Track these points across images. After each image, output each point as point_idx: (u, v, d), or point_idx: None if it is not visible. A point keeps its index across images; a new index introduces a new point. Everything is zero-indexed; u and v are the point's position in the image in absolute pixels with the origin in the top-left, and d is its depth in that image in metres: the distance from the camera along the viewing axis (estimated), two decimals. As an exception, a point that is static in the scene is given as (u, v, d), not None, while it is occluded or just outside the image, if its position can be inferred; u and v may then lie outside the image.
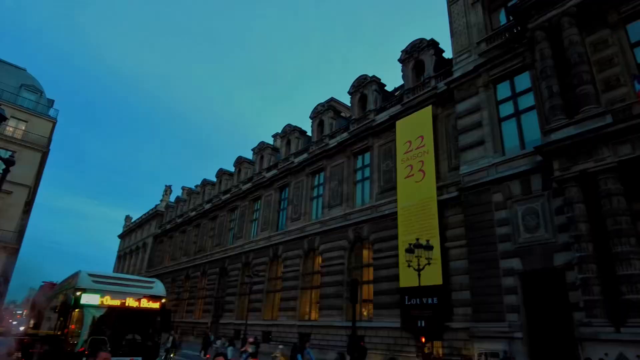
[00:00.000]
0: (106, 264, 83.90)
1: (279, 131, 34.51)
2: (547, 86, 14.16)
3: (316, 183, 27.39)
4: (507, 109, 16.46)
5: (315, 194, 27.18)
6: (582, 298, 11.74)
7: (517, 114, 16.03)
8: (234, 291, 31.89)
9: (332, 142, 26.05)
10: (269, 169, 32.93)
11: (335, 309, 21.68)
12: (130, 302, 10.11)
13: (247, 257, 31.40)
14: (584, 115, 12.72)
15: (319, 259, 24.40)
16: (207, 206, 41.45)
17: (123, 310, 9.94)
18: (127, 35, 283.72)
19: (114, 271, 62.53)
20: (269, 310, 27.57)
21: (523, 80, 16.15)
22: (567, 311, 12.56)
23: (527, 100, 15.79)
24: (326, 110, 28.68)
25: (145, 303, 10.36)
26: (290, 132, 32.05)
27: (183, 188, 54.56)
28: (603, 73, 13.52)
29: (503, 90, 16.79)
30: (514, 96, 16.35)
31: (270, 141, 37.76)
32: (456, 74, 18.45)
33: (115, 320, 9.89)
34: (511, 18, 16.58)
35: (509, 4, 17.79)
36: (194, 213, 44.06)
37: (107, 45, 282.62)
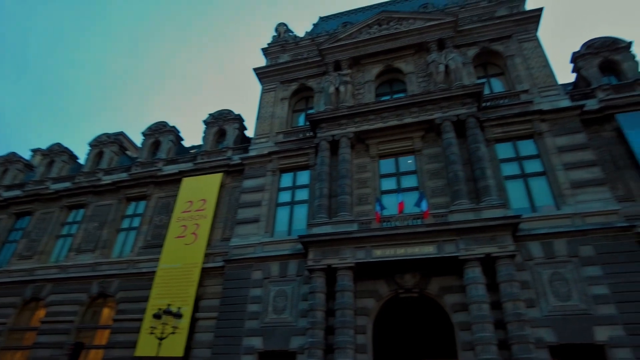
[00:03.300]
0: None
1: (44, 147, 28.77)
2: (319, 187, 16.59)
3: (70, 219, 23.18)
4: (285, 196, 18.32)
5: (65, 231, 22.82)
6: (305, 381, 12.90)
7: (292, 203, 17.99)
8: None
9: (107, 179, 23.16)
10: (9, 188, 26.31)
11: (43, 378, 17.47)
12: None
13: None
14: (339, 219, 15.27)
15: (42, 312, 19.82)
16: None
17: None
18: None
19: None
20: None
21: (304, 177, 18.51)
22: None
23: (303, 194, 18.01)
24: (111, 142, 25.77)
25: None
26: (58, 152, 27.02)
27: None
28: (359, 190, 16.77)
29: (286, 179, 18.80)
30: (294, 187, 18.44)
31: (27, 155, 30.95)
32: (252, 153, 19.79)
33: None
34: (307, 123, 19.20)
35: (309, 111, 20.85)
36: None
37: None
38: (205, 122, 23.32)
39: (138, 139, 25.64)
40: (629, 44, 18.11)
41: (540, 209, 14.63)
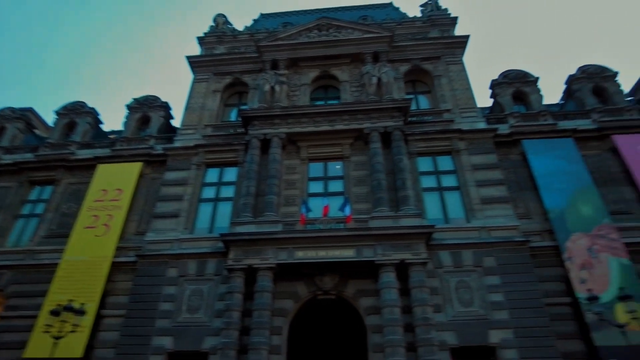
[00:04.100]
0: None
1: None
2: (246, 185, 16.32)
3: (-43, 201, 20.39)
4: (209, 192, 17.75)
5: (-52, 214, 20.00)
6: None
7: (216, 200, 17.48)
8: None
9: (7, 158, 20.69)
10: None
11: None
12: None
13: None
14: (264, 219, 15.15)
15: None
16: None
17: None
18: None
19: None
20: None
21: (231, 173, 18.07)
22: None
23: (228, 192, 17.56)
24: (17, 118, 23.10)
25: None
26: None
27: None
28: (287, 191, 16.79)
29: (212, 175, 18.23)
30: (219, 184, 17.94)
31: None
32: (177, 144, 18.92)
33: None
34: (239, 119, 18.78)
35: (242, 107, 20.44)
36: None
37: None
38: (128, 106, 21.87)
39: (51, 119, 23.20)
40: (536, 79, 20.26)
41: (452, 221, 15.76)
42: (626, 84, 26.73)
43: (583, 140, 17.70)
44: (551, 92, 73.87)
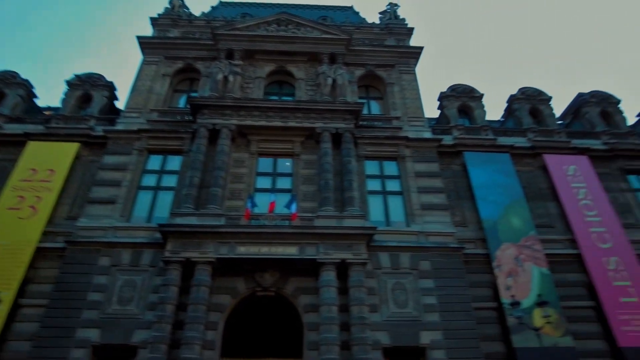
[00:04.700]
0: None
1: None
2: (190, 176, 15.80)
3: None
4: (150, 180, 16.99)
5: None
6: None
7: (157, 188, 16.78)
8: None
9: None
10: None
11: None
12: None
13: None
14: (206, 212, 14.76)
15: None
16: None
17: None
18: None
19: None
20: None
21: (174, 162, 17.40)
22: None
23: (170, 181, 16.90)
24: None
25: None
26: None
27: None
28: (233, 184, 16.46)
29: (154, 162, 17.46)
30: (161, 172, 17.23)
31: None
32: (119, 127, 17.95)
33: None
34: (188, 106, 18.13)
35: (192, 94, 19.79)
36: None
37: None
38: (68, 82, 20.40)
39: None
40: (481, 95, 21.42)
41: (393, 224, 16.26)
42: (561, 107, 28.92)
43: (518, 156, 18.97)
44: (495, 108, 78.49)
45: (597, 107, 21.81)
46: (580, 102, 22.38)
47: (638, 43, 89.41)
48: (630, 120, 22.62)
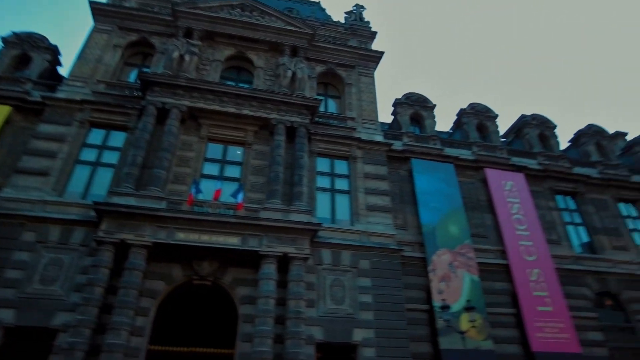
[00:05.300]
0: None
1: None
2: (133, 154, 15.03)
3: None
4: (89, 154, 15.97)
5: None
6: (59, 364, 11.34)
7: (97, 164, 15.82)
8: None
9: None
10: None
11: None
12: None
13: None
14: (147, 193, 14.11)
15: None
16: None
17: None
18: None
19: None
20: None
21: (118, 138, 16.48)
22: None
23: (111, 157, 15.99)
24: None
25: None
26: None
27: None
28: (178, 168, 15.89)
29: (96, 136, 16.42)
30: (103, 147, 16.26)
31: None
32: (60, 94, 16.69)
33: None
34: (139, 82, 17.24)
35: (144, 69, 18.84)
36: None
37: None
38: (4, 39, 18.70)
39: None
40: (434, 106, 22.21)
41: (338, 222, 16.47)
42: (505, 125, 30.65)
43: (462, 167, 19.89)
44: (446, 118, 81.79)
45: (537, 129, 23.35)
46: (523, 123, 23.87)
47: (578, 74, 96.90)
48: (563, 145, 24.52)
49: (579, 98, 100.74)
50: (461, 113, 23.15)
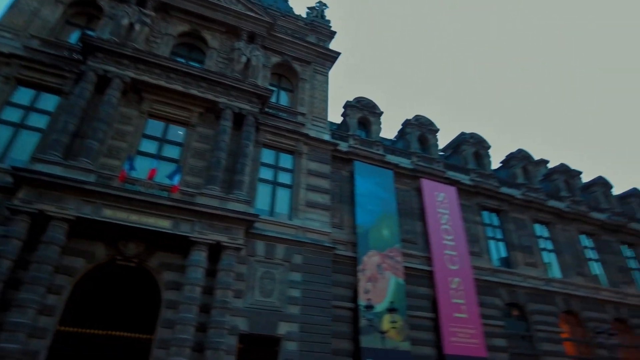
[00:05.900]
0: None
1: None
2: (65, 121, 13.94)
3: None
4: (13, 114, 14.46)
5: None
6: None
7: (21, 126, 14.47)
8: None
9: None
10: None
11: None
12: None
13: None
14: (76, 164, 13.13)
15: None
16: None
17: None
18: None
19: None
20: None
21: (49, 101, 15.22)
22: None
23: (39, 121, 14.73)
24: None
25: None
26: None
27: None
28: (114, 141, 15.00)
29: (23, 95, 15.01)
30: (30, 108, 14.92)
31: None
32: (-16, 44, 15.07)
33: None
34: (80, 44, 16.00)
35: (88, 32, 17.51)
36: None
37: None
38: None
39: None
40: (381, 112, 22.86)
41: (276, 215, 16.48)
42: (446, 140, 32.26)
43: (400, 175, 20.70)
44: (392, 125, 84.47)
45: (473, 147, 24.84)
46: (461, 140, 25.27)
47: (521, 98, 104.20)
48: (495, 164, 26.35)
49: (517, 121, 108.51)
50: (406, 123, 24.03)
